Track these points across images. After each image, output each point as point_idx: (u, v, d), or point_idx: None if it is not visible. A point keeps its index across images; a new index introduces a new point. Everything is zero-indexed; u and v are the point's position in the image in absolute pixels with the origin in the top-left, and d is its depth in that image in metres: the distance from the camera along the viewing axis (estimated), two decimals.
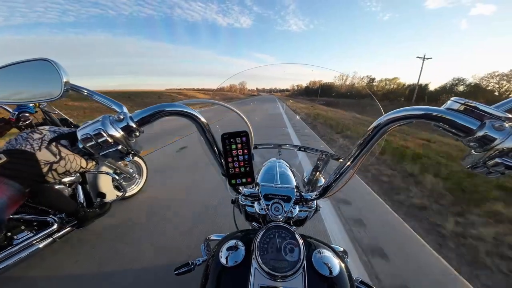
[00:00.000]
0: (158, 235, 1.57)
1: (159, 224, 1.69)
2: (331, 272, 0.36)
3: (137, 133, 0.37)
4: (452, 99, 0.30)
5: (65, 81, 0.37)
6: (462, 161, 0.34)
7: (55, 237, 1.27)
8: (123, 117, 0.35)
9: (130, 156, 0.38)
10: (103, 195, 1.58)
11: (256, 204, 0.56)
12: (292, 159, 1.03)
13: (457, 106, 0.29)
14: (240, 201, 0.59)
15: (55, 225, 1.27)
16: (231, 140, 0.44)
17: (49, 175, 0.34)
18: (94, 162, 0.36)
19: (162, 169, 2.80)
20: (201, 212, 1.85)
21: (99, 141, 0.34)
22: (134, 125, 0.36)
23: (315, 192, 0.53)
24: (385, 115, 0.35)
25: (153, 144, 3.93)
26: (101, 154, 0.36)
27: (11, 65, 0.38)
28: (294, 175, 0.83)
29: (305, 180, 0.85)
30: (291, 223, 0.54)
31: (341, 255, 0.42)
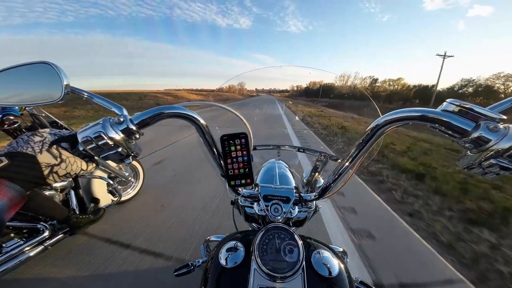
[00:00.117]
0: None
1: None
2: (330, 272, 0.37)
3: (137, 136, 0.39)
4: (447, 100, 0.31)
5: (65, 84, 0.39)
6: (458, 162, 0.35)
7: (47, 244, 1.26)
8: (123, 119, 0.36)
9: (130, 158, 0.40)
10: (97, 201, 1.58)
11: (255, 205, 0.57)
12: (291, 160, 1.05)
13: (452, 107, 0.30)
14: (239, 202, 0.60)
15: (46, 232, 1.26)
16: (231, 141, 0.45)
17: (50, 178, 0.35)
18: (94, 164, 0.38)
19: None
20: None
21: (100, 143, 0.35)
22: (134, 128, 0.37)
23: (314, 192, 0.54)
24: (382, 116, 0.36)
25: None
26: (101, 156, 0.37)
27: (13, 67, 0.39)
28: (293, 176, 0.85)
29: (304, 181, 0.86)
30: (291, 224, 0.55)
31: (340, 256, 0.43)
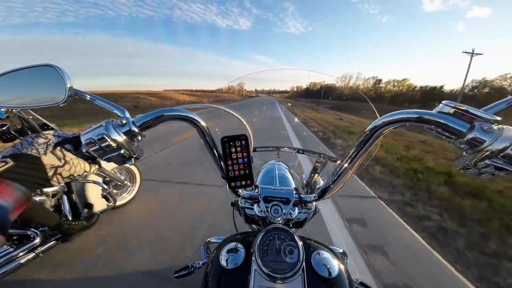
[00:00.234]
0: None
1: None
2: (330, 273, 0.39)
3: (139, 138, 0.41)
4: (443, 102, 0.33)
5: (69, 86, 0.41)
6: (454, 163, 0.37)
7: (38, 251, 1.27)
8: (125, 121, 0.39)
9: (132, 160, 0.42)
10: (91, 206, 1.58)
11: (255, 206, 0.59)
12: (291, 161, 1.08)
13: (448, 109, 0.32)
14: (239, 203, 0.62)
15: (38, 239, 1.26)
16: (231, 143, 0.48)
17: (54, 179, 0.37)
18: (96, 165, 0.40)
19: None
20: None
21: (103, 145, 0.37)
22: (136, 130, 0.39)
23: (314, 194, 0.56)
24: (380, 118, 0.38)
25: None
26: (104, 158, 0.39)
27: (17, 70, 0.42)
28: (293, 177, 0.87)
29: (304, 182, 0.88)
30: (291, 225, 0.57)
31: (340, 257, 0.45)
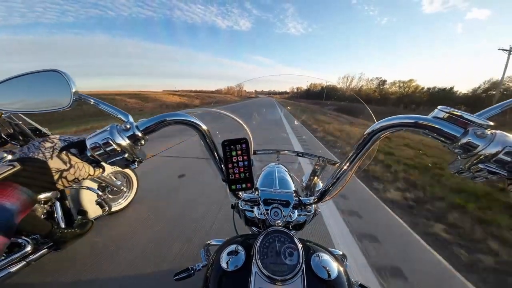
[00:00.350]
0: None
1: None
2: (329, 275, 0.41)
3: (143, 142, 0.44)
4: (438, 107, 0.35)
5: (74, 91, 0.44)
6: (449, 167, 0.39)
7: (29, 260, 1.28)
8: (129, 126, 0.41)
9: (135, 163, 0.45)
10: (85, 213, 1.59)
11: (255, 209, 0.61)
12: (290, 164, 1.11)
13: (442, 114, 0.34)
14: (239, 206, 0.65)
15: (29, 247, 1.27)
16: (231, 147, 0.50)
17: (60, 183, 0.39)
18: (101, 169, 0.42)
19: None
20: None
21: (107, 149, 0.40)
22: (140, 134, 0.42)
23: (313, 196, 0.58)
24: (377, 122, 0.41)
25: None
26: (108, 162, 0.42)
27: (23, 75, 0.44)
28: (292, 179, 0.90)
29: (303, 184, 0.91)
30: (290, 228, 0.60)
31: (340, 259, 0.47)
